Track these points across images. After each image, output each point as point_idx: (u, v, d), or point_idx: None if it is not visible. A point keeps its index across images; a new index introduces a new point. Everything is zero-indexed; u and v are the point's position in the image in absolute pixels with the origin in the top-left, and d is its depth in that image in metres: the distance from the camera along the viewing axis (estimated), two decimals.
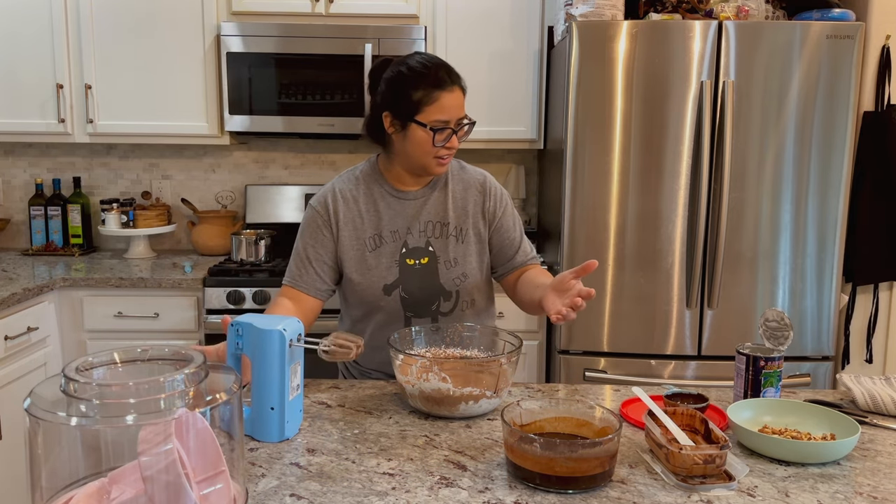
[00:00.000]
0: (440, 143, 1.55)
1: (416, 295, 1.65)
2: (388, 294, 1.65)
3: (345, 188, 1.68)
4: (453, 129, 1.56)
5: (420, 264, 1.64)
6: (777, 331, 1.45)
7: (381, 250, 1.65)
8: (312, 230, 1.66)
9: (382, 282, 1.64)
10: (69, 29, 2.96)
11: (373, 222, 1.65)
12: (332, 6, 2.97)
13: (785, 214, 2.56)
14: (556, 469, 1.09)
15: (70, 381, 0.89)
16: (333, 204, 1.66)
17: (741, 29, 2.48)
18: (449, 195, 1.68)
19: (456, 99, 1.56)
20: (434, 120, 1.54)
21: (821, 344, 2.62)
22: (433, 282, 1.65)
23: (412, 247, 1.65)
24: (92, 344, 2.78)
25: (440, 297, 1.66)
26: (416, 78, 1.54)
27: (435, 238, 1.66)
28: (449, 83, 1.55)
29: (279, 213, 3.30)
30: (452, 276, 1.66)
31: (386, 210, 1.66)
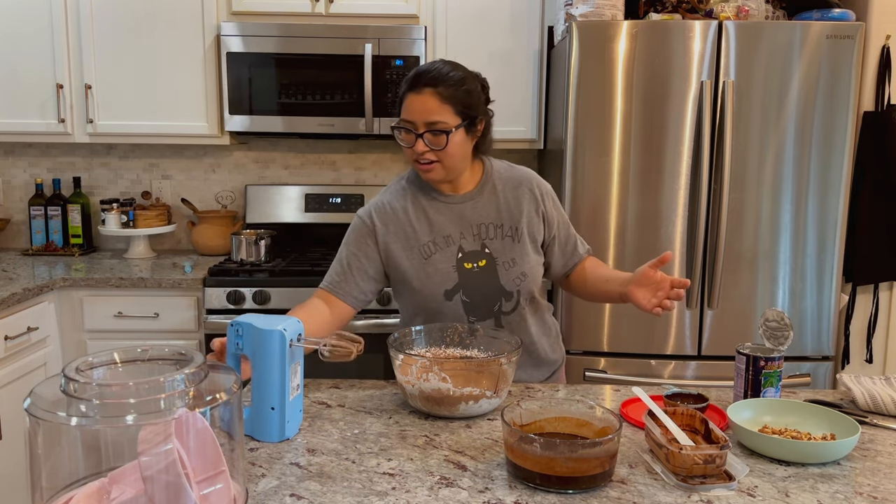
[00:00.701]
0: (405, 144, 1.57)
1: (477, 298, 1.65)
2: (449, 299, 1.64)
3: (393, 200, 1.68)
4: (417, 133, 1.54)
5: (478, 267, 1.64)
6: (777, 331, 1.45)
7: (437, 256, 1.64)
8: (357, 239, 1.66)
9: (442, 287, 1.63)
10: (69, 29, 2.96)
11: (425, 230, 1.65)
12: (332, 6, 2.97)
13: (785, 214, 2.56)
14: (556, 469, 1.09)
15: (70, 381, 0.89)
16: (381, 217, 1.66)
17: (741, 29, 2.48)
18: (499, 196, 1.68)
19: (421, 102, 1.53)
20: (400, 119, 1.57)
21: (821, 344, 2.62)
22: (494, 283, 1.65)
23: (468, 250, 1.64)
24: (92, 344, 2.78)
25: (501, 297, 1.66)
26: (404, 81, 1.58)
27: (490, 240, 1.65)
28: (418, 86, 1.54)
29: (279, 213, 3.30)
30: (512, 277, 1.65)
31: (436, 216, 1.65)
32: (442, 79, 1.54)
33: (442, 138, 1.54)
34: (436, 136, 1.54)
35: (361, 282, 1.64)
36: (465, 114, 1.56)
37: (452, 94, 1.55)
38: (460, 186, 1.67)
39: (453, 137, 1.55)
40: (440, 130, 1.54)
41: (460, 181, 1.67)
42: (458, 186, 1.67)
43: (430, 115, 1.53)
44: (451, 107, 1.54)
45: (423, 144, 1.54)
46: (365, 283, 1.65)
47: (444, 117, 1.54)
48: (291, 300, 2.74)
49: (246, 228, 3.26)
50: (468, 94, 1.57)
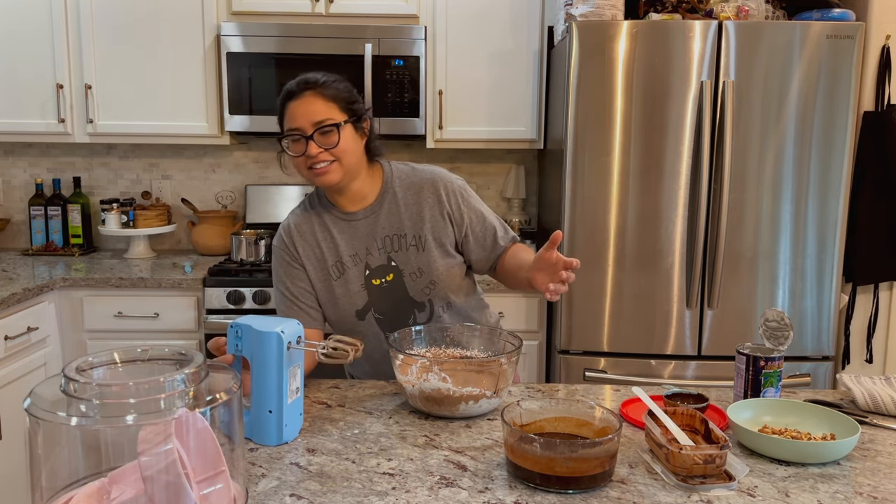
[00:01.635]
0: (296, 153, 1.54)
1: (389, 314, 1.63)
2: (361, 319, 1.63)
3: (299, 222, 1.65)
4: (306, 136, 1.52)
5: (386, 282, 1.61)
6: (777, 331, 1.45)
7: (346, 276, 1.61)
8: (284, 267, 1.64)
9: (353, 308, 1.62)
10: (69, 29, 2.96)
11: (332, 250, 1.62)
12: (332, 6, 2.97)
13: (785, 214, 2.55)
14: (556, 469, 1.09)
15: (70, 381, 0.89)
16: (290, 239, 1.64)
17: (741, 29, 2.48)
18: (400, 204, 1.63)
19: (305, 105, 1.52)
20: (287, 129, 1.55)
21: (821, 344, 2.62)
22: (403, 296, 1.62)
23: (375, 266, 1.61)
24: (92, 344, 2.78)
25: (414, 310, 1.64)
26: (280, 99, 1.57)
27: (395, 252, 1.61)
28: (298, 92, 1.53)
29: (279, 213, 3.30)
30: (420, 287, 1.62)
31: (340, 235, 1.62)
32: (319, 81, 1.54)
33: (333, 135, 1.51)
34: (326, 134, 1.52)
35: (309, 303, 1.63)
36: (350, 110, 1.55)
37: (334, 92, 1.54)
38: (360, 200, 1.63)
39: (344, 133, 1.52)
40: (330, 126, 1.51)
41: (360, 193, 1.62)
42: (358, 200, 1.63)
43: (316, 115, 1.51)
44: (336, 104, 1.53)
45: (315, 146, 1.51)
46: (313, 303, 1.63)
47: (331, 114, 1.52)
48: None
49: (246, 228, 3.26)
50: (349, 91, 1.57)
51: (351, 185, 1.60)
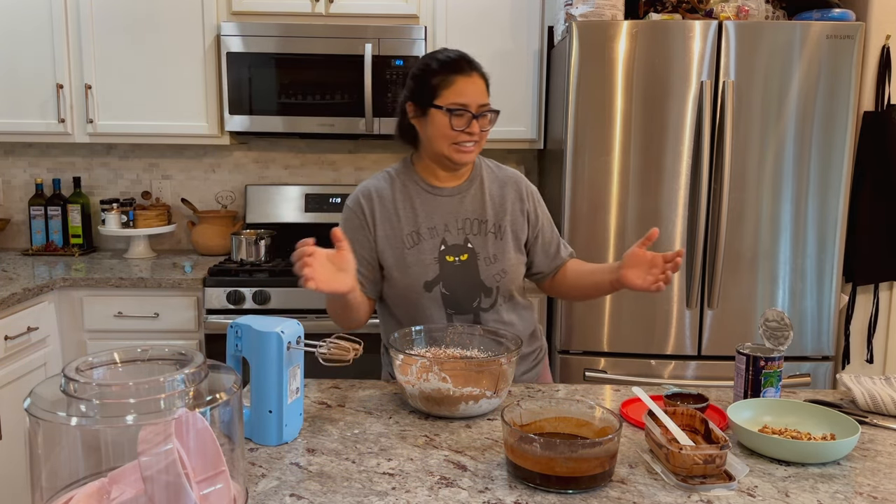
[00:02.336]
0: (459, 128, 1.58)
1: (457, 291, 1.65)
2: (428, 291, 1.64)
3: (379, 186, 1.68)
4: (473, 115, 1.58)
5: (460, 261, 1.65)
6: (777, 331, 1.45)
7: (421, 247, 1.64)
8: (353, 230, 1.65)
9: (423, 278, 1.63)
10: (69, 29, 2.96)
11: (410, 219, 1.65)
12: (332, 6, 2.97)
13: (785, 214, 2.55)
14: (556, 469, 1.09)
15: (70, 381, 0.89)
16: (368, 203, 1.66)
17: (741, 29, 2.48)
18: (486, 192, 1.69)
19: (474, 84, 1.58)
20: (451, 102, 1.57)
21: (821, 344, 2.62)
22: (474, 278, 1.65)
23: (451, 244, 1.65)
24: (92, 344, 2.78)
25: (481, 293, 1.67)
26: (435, 66, 1.60)
27: (473, 235, 1.66)
28: (467, 69, 1.59)
29: (279, 213, 3.30)
30: (493, 273, 1.66)
31: (422, 207, 1.66)
32: (480, 65, 1.63)
33: (488, 119, 1.61)
34: (485, 117, 1.60)
35: (367, 271, 1.65)
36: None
37: (487, 79, 1.64)
38: (454, 179, 1.69)
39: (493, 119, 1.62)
40: (490, 111, 1.61)
41: (459, 173, 1.69)
42: (452, 179, 1.68)
43: (482, 97, 1.60)
44: (488, 91, 1.63)
45: (478, 126, 1.59)
46: (370, 273, 1.65)
47: (489, 99, 1.62)
48: (291, 300, 2.75)
49: (246, 228, 3.26)
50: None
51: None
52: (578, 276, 1.75)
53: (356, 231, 1.65)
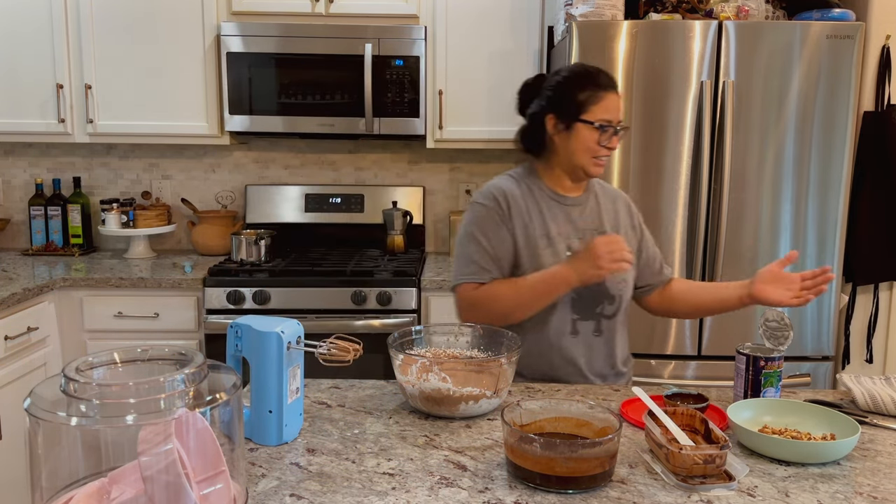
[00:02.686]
0: (604, 143, 1.63)
1: (584, 296, 1.67)
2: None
3: (510, 188, 1.70)
4: (615, 129, 1.63)
5: None
6: (777, 331, 1.45)
7: (553, 250, 1.67)
8: (493, 226, 1.66)
9: None
10: (69, 29, 2.96)
11: (539, 223, 1.68)
12: (332, 6, 2.97)
13: (785, 214, 2.55)
14: (556, 469, 1.09)
15: (70, 381, 0.89)
16: (504, 200, 1.68)
17: (741, 29, 2.48)
18: (601, 204, 1.76)
19: (616, 101, 1.64)
20: (600, 118, 1.62)
21: (821, 344, 2.62)
22: (601, 285, 1.67)
23: (575, 250, 1.67)
24: (92, 344, 2.78)
25: (605, 300, 1.69)
26: (581, 80, 1.64)
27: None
28: (611, 86, 1.64)
29: (279, 213, 3.30)
30: (617, 281, 1.69)
31: (548, 212, 1.70)
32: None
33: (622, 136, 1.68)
34: (619, 133, 1.65)
35: (502, 268, 1.67)
36: None
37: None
38: (576, 189, 1.74)
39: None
40: (624, 128, 1.66)
41: (582, 185, 1.74)
42: (575, 189, 1.73)
43: (620, 113, 1.66)
44: None
45: (616, 141, 1.65)
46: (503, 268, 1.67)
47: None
48: (291, 300, 2.75)
49: (246, 228, 3.26)
50: None
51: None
52: (693, 292, 1.80)
53: (496, 227, 1.66)
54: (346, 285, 2.75)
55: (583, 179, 1.72)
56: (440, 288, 2.79)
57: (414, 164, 3.42)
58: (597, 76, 1.63)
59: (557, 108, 1.65)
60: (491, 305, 1.63)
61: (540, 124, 1.68)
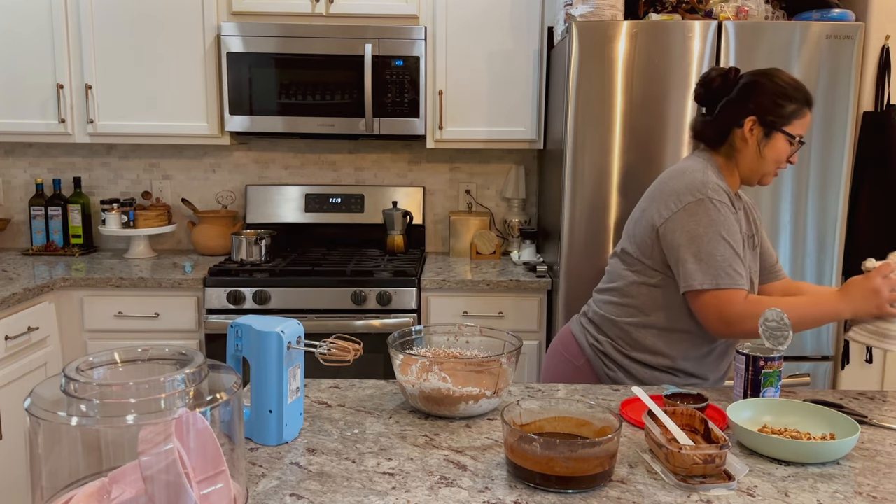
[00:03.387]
0: (791, 157, 1.66)
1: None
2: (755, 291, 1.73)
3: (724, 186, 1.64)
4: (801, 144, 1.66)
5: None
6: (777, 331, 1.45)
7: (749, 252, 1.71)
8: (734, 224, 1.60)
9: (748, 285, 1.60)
10: (69, 29, 2.96)
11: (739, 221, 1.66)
12: (332, 6, 2.97)
13: (785, 214, 2.56)
14: (556, 469, 1.09)
15: (70, 381, 0.89)
16: (728, 196, 1.63)
17: (741, 29, 2.48)
18: (747, 207, 1.77)
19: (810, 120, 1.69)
20: (799, 134, 1.65)
21: (820, 344, 2.62)
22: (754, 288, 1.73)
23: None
24: (92, 344, 2.78)
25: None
26: (794, 92, 1.63)
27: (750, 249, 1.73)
28: (812, 104, 1.66)
29: (279, 213, 3.31)
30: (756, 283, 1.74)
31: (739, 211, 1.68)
32: None
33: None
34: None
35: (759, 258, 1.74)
36: None
37: None
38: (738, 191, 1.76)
39: None
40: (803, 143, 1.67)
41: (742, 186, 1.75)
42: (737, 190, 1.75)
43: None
44: None
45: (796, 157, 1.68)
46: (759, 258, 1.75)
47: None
48: (291, 300, 2.75)
49: (246, 228, 3.27)
50: None
51: None
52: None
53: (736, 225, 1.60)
54: (346, 285, 2.75)
55: (751, 185, 1.73)
56: (440, 288, 2.79)
57: (414, 165, 3.42)
58: (806, 91, 1.64)
59: (763, 112, 1.63)
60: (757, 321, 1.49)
61: (734, 121, 1.65)
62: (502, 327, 2.25)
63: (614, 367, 1.74)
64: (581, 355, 1.81)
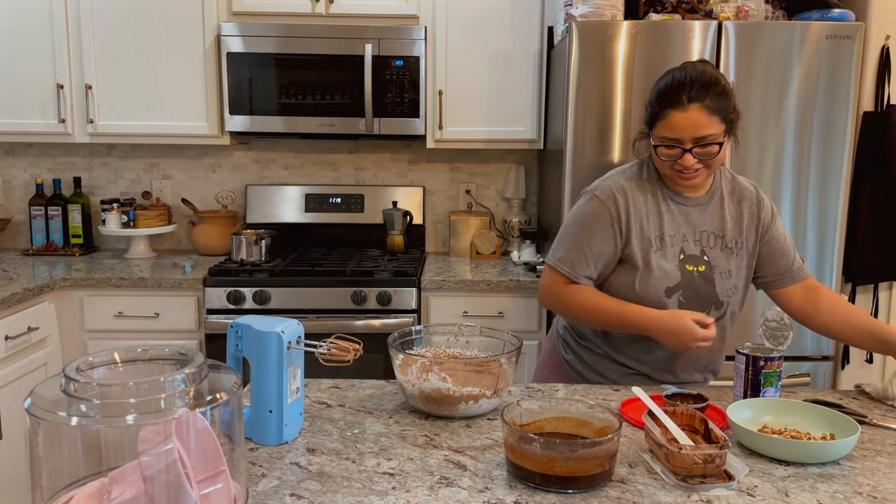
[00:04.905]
0: (668, 160, 1.57)
1: (692, 301, 1.65)
2: (668, 297, 1.63)
3: (633, 188, 1.65)
4: (684, 149, 1.54)
5: (698, 272, 1.65)
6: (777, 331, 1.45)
7: (664, 252, 1.64)
8: (599, 225, 1.63)
9: (665, 283, 1.62)
10: (69, 28, 2.96)
11: (655, 223, 1.65)
12: (332, 6, 2.97)
13: (785, 214, 2.56)
14: (556, 469, 1.09)
15: (70, 381, 0.89)
16: (623, 198, 1.64)
17: (741, 29, 2.48)
18: (725, 207, 1.68)
19: (688, 119, 1.51)
20: (660, 136, 1.56)
21: (820, 344, 2.62)
22: (710, 290, 1.65)
23: (689, 253, 1.65)
24: (92, 344, 2.78)
25: (712, 305, 1.66)
26: (658, 92, 1.57)
27: (709, 248, 1.66)
28: (683, 103, 1.52)
29: (279, 213, 3.30)
30: (727, 287, 1.66)
31: (667, 213, 1.66)
32: (706, 90, 1.52)
33: (712, 149, 1.54)
34: (705, 148, 1.53)
35: (595, 266, 1.65)
36: (728, 118, 1.56)
37: (718, 103, 1.53)
38: (695, 190, 1.67)
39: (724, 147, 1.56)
40: (711, 143, 1.53)
41: (701, 186, 1.67)
42: (694, 190, 1.66)
43: (698, 130, 1.52)
44: (719, 117, 1.53)
45: (692, 159, 1.54)
46: (597, 268, 1.65)
47: (713, 129, 1.53)
48: (291, 300, 2.75)
49: (246, 228, 3.26)
50: (728, 96, 1.56)
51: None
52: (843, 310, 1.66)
53: (604, 226, 1.63)
54: (346, 285, 2.75)
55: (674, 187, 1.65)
56: (440, 288, 2.79)
57: (414, 164, 3.42)
58: (674, 91, 1.53)
59: (646, 112, 1.62)
60: (570, 308, 1.66)
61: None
62: (502, 327, 2.25)
63: (569, 351, 1.81)
64: (551, 339, 1.91)
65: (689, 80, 1.52)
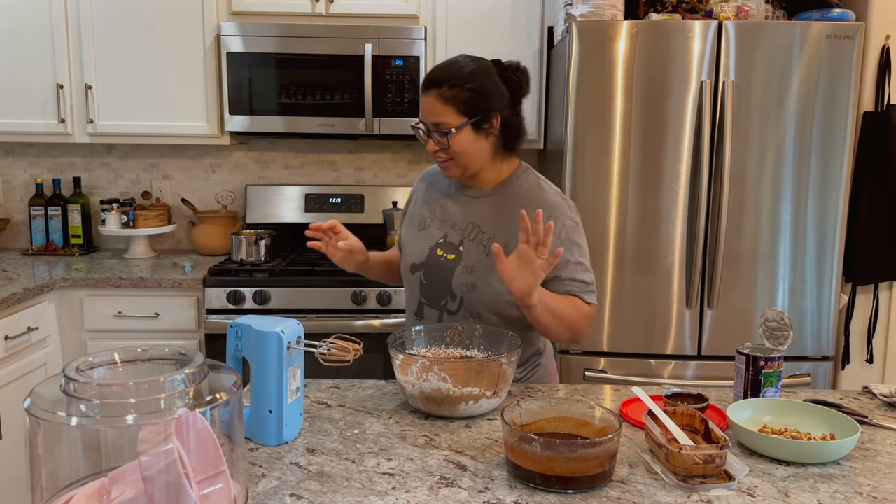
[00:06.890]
0: (422, 142, 1.63)
1: (430, 286, 1.68)
2: (412, 273, 1.71)
3: (435, 170, 1.78)
4: (426, 133, 1.60)
5: (446, 259, 1.65)
6: (777, 331, 1.45)
7: (426, 233, 1.70)
8: (409, 201, 1.83)
9: (412, 260, 1.71)
10: (69, 29, 2.96)
11: (432, 205, 1.74)
12: (332, 6, 2.97)
13: (785, 214, 2.56)
14: (556, 469, 1.09)
15: (70, 381, 0.89)
16: (421, 182, 1.82)
17: (741, 29, 2.48)
18: (504, 206, 1.63)
19: (426, 103, 1.59)
20: (416, 120, 1.65)
21: (821, 344, 2.62)
22: (447, 280, 1.64)
23: (449, 241, 1.67)
24: (92, 344, 2.78)
25: (448, 296, 1.66)
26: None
27: (468, 240, 1.64)
28: (425, 87, 1.61)
29: (279, 213, 3.30)
30: (462, 282, 1.61)
31: (448, 199, 1.72)
32: (447, 79, 1.58)
33: (445, 138, 1.57)
34: (440, 136, 1.58)
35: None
36: (470, 112, 1.56)
37: (455, 94, 1.57)
38: (481, 183, 1.68)
39: (456, 137, 1.56)
40: (442, 131, 1.57)
41: (484, 180, 1.67)
42: (478, 182, 1.68)
43: (433, 116, 1.58)
44: (454, 107, 1.57)
45: (433, 144, 1.60)
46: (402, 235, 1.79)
47: (446, 118, 1.57)
48: (292, 300, 2.75)
49: (246, 228, 3.26)
50: (474, 93, 1.58)
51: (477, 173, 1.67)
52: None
53: (409, 204, 1.83)
54: (345, 285, 2.75)
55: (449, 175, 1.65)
56: None
57: (414, 164, 3.42)
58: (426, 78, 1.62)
59: None
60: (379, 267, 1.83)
61: None
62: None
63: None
64: None
65: (436, 69, 1.64)
